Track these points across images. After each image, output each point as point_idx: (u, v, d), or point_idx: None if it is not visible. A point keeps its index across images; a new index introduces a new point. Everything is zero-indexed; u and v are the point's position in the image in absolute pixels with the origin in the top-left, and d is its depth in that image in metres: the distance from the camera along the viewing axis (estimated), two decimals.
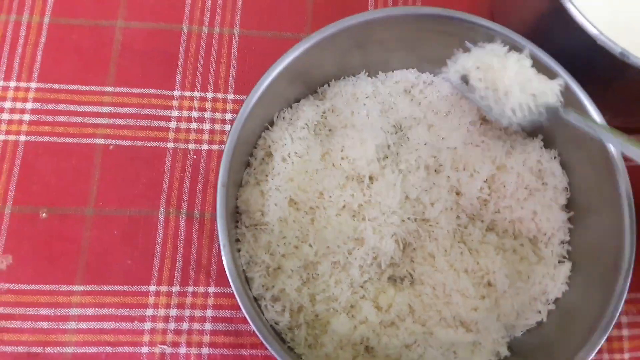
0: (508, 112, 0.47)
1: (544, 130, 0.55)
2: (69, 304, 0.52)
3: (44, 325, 0.52)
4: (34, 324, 0.52)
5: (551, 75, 0.49)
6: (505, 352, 0.51)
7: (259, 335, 0.42)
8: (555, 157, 0.55)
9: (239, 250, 0.51)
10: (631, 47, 0.46)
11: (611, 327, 0.45)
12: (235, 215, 0.52)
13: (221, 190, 0.44)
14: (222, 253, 0.42)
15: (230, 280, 0.42)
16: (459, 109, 0.57)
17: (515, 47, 0.50)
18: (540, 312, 0.52)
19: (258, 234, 0.51)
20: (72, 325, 0.52)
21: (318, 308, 0.50)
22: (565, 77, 0.50)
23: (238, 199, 0.52)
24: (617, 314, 0.45)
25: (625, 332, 0.56)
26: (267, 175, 0.52)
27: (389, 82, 0.58)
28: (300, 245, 0.50)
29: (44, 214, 0.55)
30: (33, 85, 0.58)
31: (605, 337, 0.44)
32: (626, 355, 0.55)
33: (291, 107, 0.56)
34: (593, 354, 0.44)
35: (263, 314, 0.50)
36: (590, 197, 0.53)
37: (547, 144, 0.55)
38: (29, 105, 0.57)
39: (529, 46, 0.50)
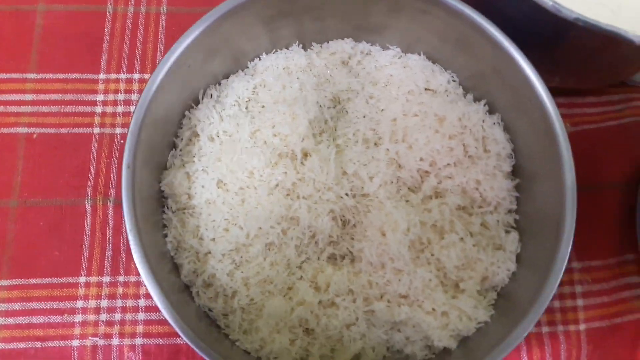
0: None
1: (487, 95, 0.53)
2: None
3: None
4: None
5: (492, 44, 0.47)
6: (456, 325, 0.49)
7: (172, 324, 0.40)
8: (497, 123, 0.52)
9: (165, 236, 0.49)
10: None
11: (550, 297, 0.42)
12: (161, 200, 0.50)
13: (126, 172, 0.41)
14: (129, 238, 0.40)
15: (138, 266, 0.40)
16: (397, 78, 0.54)
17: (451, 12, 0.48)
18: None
19: (185, 219, 0.49)
20: None
21: (252, 292, 0.48)
22: (506, 43, 0.48)
23: (162, 182, 0.49)
24: (558, 282, 0.43)
25: (580, 302, 0.54)
26: (193, 157, 0.50)
27: (324, 54, 0.56)
28: (230, 228, 0.48)
29: None
30: None
31: (544, 308, 0.42)
32: (582, 326, 0.53)
33: (219, 84, 0.53)
34: (530, 327, 0.42)
35: (194, 301, 0.48)
36: (534, 163, 0.50)
37: (490, 109, 0.53)
38: None
39: (470, 12, 0.48)
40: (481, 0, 0.50)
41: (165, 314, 0.40)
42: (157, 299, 0.40)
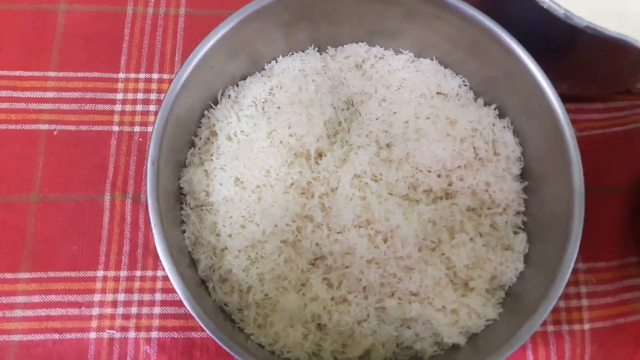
0: None
1: (497, 100, 0.54)
2: (14, 291, 0.52)
3: None
4: None
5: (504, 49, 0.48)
6: (465, 322, 0.50)
7: (195, 317, 0.41)
8: (507, 127, 0.53)
9: (183, 232, 0.50)
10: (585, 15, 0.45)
11: (558, 297, 0.44)
12: (180, 197, 0.51)
13: (151, 168, 0.43)
14: (154, 232, 0.41)
15: (162, 259, 0.41)
16: (409, 82, 0.56)
17: (464, 18, 0.49)
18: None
19: (203, 215, 0.50)
20: (19, 313, 0.51)
21: (267, 287, 0.49)
22: (517, 49, 0.49)
23: (181, 179, 0.51)
24: (565, 283, 0.44)
25: (584, 302, 0.55)
26: (211, 155, 0.51)
27: (339, 57, 0.57)
28: (246, 225, 0.49)
29: None
30: None
31: (551, 307, 0.43)
32: (586, 326, 0.54)
33: (237, 85, 0.55)
34: (538, 325, 0.43)
35: (210, 296, 0.49)
36: (543, 166, 0.51)
37: (500, 113, 0.54)
38: None
39: (483, 18, 0.49)
40: (493, 6, 0.51)
41: (188, 306, 0.41)
42: (180, 292, 0.41)
